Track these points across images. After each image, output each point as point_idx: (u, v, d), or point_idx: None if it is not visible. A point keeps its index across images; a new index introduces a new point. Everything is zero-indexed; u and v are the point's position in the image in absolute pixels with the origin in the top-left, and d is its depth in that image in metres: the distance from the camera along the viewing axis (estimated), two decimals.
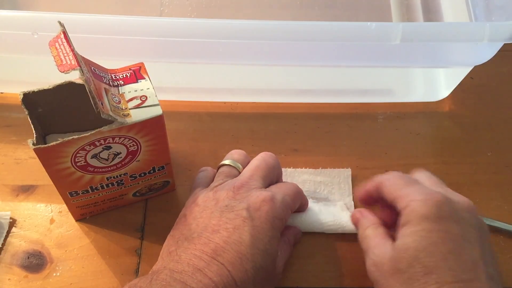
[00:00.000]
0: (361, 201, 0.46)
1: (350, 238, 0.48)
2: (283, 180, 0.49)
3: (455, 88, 0.57)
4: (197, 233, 0.40)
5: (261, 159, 0.46)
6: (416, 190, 0.40)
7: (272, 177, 0.45)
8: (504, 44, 0.48)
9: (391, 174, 0.43)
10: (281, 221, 0.42)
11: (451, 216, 0.38)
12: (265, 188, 0.44)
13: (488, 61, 0.49)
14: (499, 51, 0.49)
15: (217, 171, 0.47)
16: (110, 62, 0.43)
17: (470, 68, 0.54)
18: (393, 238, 0.41)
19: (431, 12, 0.64)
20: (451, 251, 0.37)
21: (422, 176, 0.44)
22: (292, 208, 0.44)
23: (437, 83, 0.59)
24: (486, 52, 0.49)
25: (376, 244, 0.41)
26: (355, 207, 0.49)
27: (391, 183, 0.42)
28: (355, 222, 0.46)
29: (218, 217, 0.41)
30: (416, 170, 0.45)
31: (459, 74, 0.55)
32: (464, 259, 0.37)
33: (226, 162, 0.47)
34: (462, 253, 0.37)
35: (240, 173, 0.46)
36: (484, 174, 0.53)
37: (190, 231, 0.41)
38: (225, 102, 0.57)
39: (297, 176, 0.52)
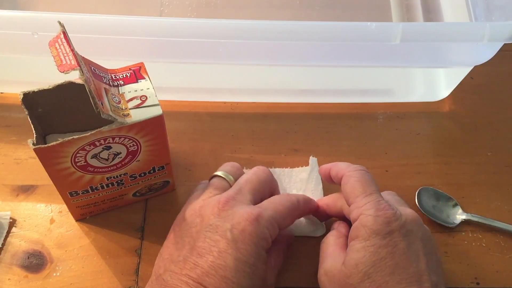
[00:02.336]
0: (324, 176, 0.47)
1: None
2: (281, 188, 0.49)
3: (455, 88, 0.57)
4: (183, 256, 0.40)
5: (252, 173, 0.45)
6: (369, 203, 0.41)
7: (263, 192, 0.45)
8: (504, 44, 0.48)
9: (353, 172, 0.43)
10: (267, 241, 0.41)
11: (399, 231, 0.40)
12: (255, 203, 0.43)
13: (488, 61, 0.49)
14: (499, 51, 0.49)
15: (209, 182, 0.47)
16: (110, 62, 0.43)
17: (470, 68, 0.54)
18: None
19: (431, 12, 0.64)
20: (398, 265, 0.39)
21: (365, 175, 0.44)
22: (281, 225, 0.42)
23: (437, 83, 0.59)
24: (486, 52, 0.49)
25: (331, 253, 0.43)
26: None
27: (349, 186, 0.43)
28: (322, 213, 0.47)
29: (203, 238, 0.40)
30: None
31: (459, 74, 0.55)
32: (410, 272, 0.39)
33: (218, 173, 0.46)
34: (408, 266, 0.39)
35: (231, 186, 0.45)
36: (484, 174, 0.53)
37: (177, 251, 0.41)
38: (225, 102, 0.57)
39: (294, 176, 0.52)
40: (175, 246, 0.42)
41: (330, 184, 0.47)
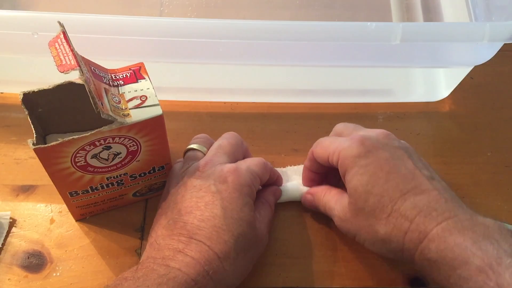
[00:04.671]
0: (308, 177, 0.49)
1: (351, 239, 0.48)
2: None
3: (455, 88, 0.57)
4: (172, 220, 0.41)
5: (223, 138, 0.47)
6: (339, 143, 0.44)
7: (237, 155, 0.47)
8: (504, 44, 0.48)
9: (316, 142, 0.47)
10: (250, 188, 0.43)
11: (375, 146, 0.42)
12: (230, 161, 0.45)
13: (488, 61, 0.49)
14: (499, 51, 0.49)
15: (183, 156, 0.48)
16: (110, 62, 0.43)
17: (470, 68, 0.54)
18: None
19: (431, 12, 0.64)
20: (389, 173, 0.41)
21: (340, 128, 0.48)
22: (260, 176, 0.45)
23: (437, 83, 0.60)
24: (486, 52, 0.49)
25: (335, 202, 0.45)
26: None
27: (319, 148, 0.46)
28: (310, 203, 0.48)
29: (189, 198, 0.42)
30: (335, 126, 0.49)
31: (459, 74, 0.55)
32: (403, 174, 0.41)
33: (191, 146, 0.48)
34: (398, 169, 0.41)
35: (205, 154, 0.47)
36: (484, 174, 0.53)
37: (166, 219, 0.42)
38: (225, 102, 0.57)
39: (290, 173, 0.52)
40: (164, 216, 0.43)
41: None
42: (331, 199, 0.46)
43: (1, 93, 0.56)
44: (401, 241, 0.40)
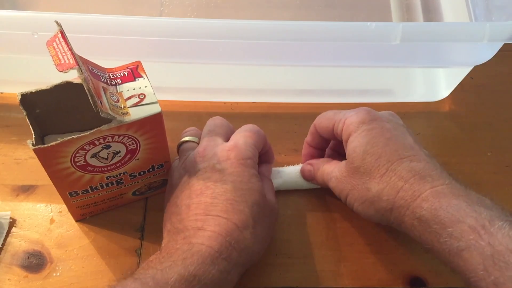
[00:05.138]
0: (308, 153, 0.51)
1: (351, 239, 0.48)
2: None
3: (455, 88, 0.57)
4: (184, 205, 0.42)
5: (210, 123, 0.48)
6: (344, 113, 0.46)
7: (228, 134, 0.47)
8: (504, 44, 0.48)
9: (320, 115, 0.48)
10: (252, 160, 0.44)
11: (381, 118, 0.44)
12: (225, 140, 0.46)
13: (488, 61, 0.49)
14: (499, 51, 0.49)
15: (178, 151, 0.48)
16: (110, 62, 0.43)
17: (470, 68, 0.54)
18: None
19: (431, 12, 0.64)
20: (390, 139, 0.42)
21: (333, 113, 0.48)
22: (257, 146, 0.46)
23: (437, 83, 0.59)
24: (486, 52, 0.49)
25: (333, 168, 0.46)
26: None
27: (323, 119, 0.47)
28: (308, 173, 0.49)
29: (196, 182, 0.43)
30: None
31: (459, 74, 0.55)
32: (403, 143, 0.43)
33: (185, 139, 0.48)
34: (399, 139, 0.43)
35: (198, 144, 0.47)
36: (484, 174, 0.53)
37: (178, 207, 0.43)
38: (225, 102, 0.57)
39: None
40: (175, 205, 0.43)
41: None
42: (328, 167, 0.47)
43: (1, 93, 0.56)
44: (392, 200, 0.41)
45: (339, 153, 0.50)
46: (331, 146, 0.50)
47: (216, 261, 0.38)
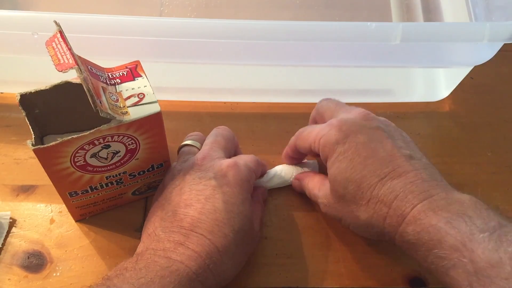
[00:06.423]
0: (287, 159, 0.51)
1: (351, 239, 0.48)
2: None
3: (455, 88, 0.57)
4: (171, 211, 0.41)
5: (217, 133, 0.48)
6: (318, 130, 0.45)
7: (230, 149, 0.47)
8: (504, 44, 0.48)
9: (297, 133, 0.48)
10: (249, 183, 0.44)
11: (353, 130, 0.43)
12: (225, 156, 0.46)
13: (488, 61, 0.49)
14: (499, 51, 0.49)
15: (178, 154, 0.48)
16: (110, 62, 0.43)
17: (470, 68, 0.54)
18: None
19: (431, 12, 0.64)
20: (366, 158, 0.41)
21: (323, 107, 0.49)
22: (256, 172, 0.46)
23: (437, 83, 0.59)
24: (486, 52, 0.49)
25: (318, 189, 0.46)
26: None
27: (300, 141, 0.47)
28: (298, 187, 0.50)
29: (188, 191, 0.42)
30: (319, 103, 0.50)
31: (459, 74, 0.55)
32: (381, 157, 0.41)
33: (186, 142, 0.48)
34: (376, 153, 0.42)
35: (199, 150, 0.47)
36: (484, 174, 0.53)
37: (164, 211, 0.42)
38: (225, 102, 0.57)
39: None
40: (161, 208, 0.43)
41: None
42: (314, 187, 0.47)
43: (1, 93, 0.56)
44: (381, 226, 0.41)
45: None
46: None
47: (192, 283, 0.38)
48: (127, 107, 0.40)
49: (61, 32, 0.36)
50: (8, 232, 0.47)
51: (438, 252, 0.37)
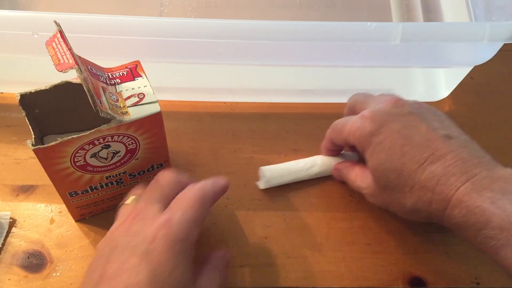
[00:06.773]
0: (326, 151, 0.52)
1: (351, 239, 0.48)
2: None
3: (455, 88, 0.57)
4: (95, 284, 0.36)
5: (154, 181, 0.42)
6: (351, 123, 0.45)
7: (170, 194, 0.41)
8: (504, 44, 0.48)
9: (331, 127, 0.49)
10: (184, 242, 0.37)
11: (385, 120, 0.43)
12: (165, 207, 0.40)
13: (488, 61, 0.49)
14: (499, 51, 0.49)
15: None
16: (110, 62, 0.43)
17: (470, 68, 0.54)
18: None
19: (431, 12, 0.64)
20: (403, 145, 0.42)
21: (353, 101, 0.49)
22: (198, 222, 0.38)
23: (437, 83, 0.59)
24: (486, 52, 0.49)
25: (360, 180, 0.47)
26: None
27: (335, 134, 0.48)
28: (338, 177, 0.51)
29: (112, 261, 0.37)
30: (349, 99, 0.50)
31: (459, 74, 0.55)
32: (417, 142, 0.42)
33: (126, 202, 0.43)
34: (412, 140, 0.42)
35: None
36: None
37: (89, 280, 0.37)
38: (225, 102, 0.57)
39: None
40: (89, 277, 0.38)
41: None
42: (356, 179, 0.47)
43: (1, 93, 0.56)
44: (428, 210, 0.41)
45: None
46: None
47: None
48: (127, 107, 0.40)
49: (61, 32, 0.36)
50: (8, 232, 0.47)
51: (486, 233, 0.37)
